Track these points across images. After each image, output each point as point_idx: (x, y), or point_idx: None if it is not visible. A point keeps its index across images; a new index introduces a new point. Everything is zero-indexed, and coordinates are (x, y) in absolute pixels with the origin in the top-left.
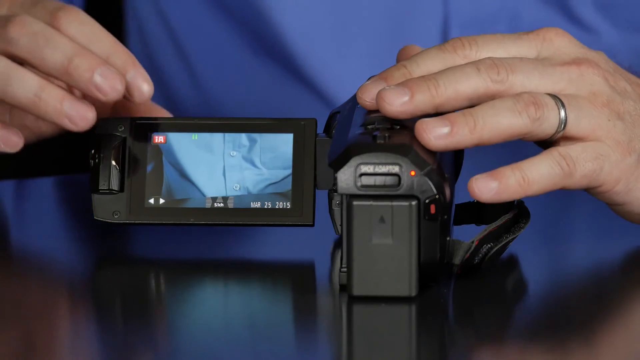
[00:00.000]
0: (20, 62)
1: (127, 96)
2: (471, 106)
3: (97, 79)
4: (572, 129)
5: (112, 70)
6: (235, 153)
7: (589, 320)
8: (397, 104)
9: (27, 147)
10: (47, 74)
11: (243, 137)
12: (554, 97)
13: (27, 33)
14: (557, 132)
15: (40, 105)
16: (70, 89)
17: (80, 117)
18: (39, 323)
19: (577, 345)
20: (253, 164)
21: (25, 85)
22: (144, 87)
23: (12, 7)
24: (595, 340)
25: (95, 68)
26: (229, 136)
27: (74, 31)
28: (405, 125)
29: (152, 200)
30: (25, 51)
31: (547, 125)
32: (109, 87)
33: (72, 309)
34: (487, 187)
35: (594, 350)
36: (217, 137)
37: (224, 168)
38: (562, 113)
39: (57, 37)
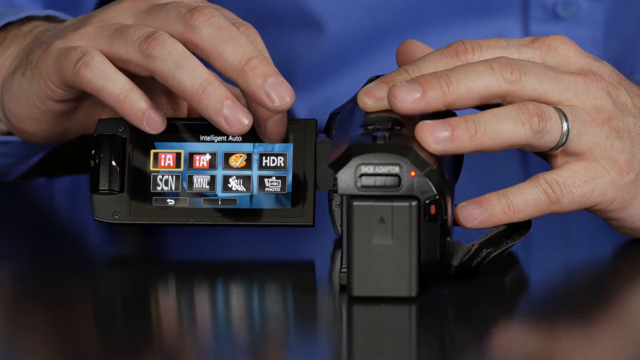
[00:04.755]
0: (194, 52)
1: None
2: (482, 105)
3: (269, 86)
4: (571, 145)
5: (284, 82)
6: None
7: (589, 319)
8: (409, 101)
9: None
10: (219, 69)
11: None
12: (559, 110)
13: (214, 24)
14: (556, 146)
15: (202, 97)
16: None
17: (236, 120)
18: (39, 323)
19: (578, 345)
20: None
21: (195, 74)
22: (287, 97)
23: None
24: (595, 340)
25: (269, 74)
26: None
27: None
28: (405, 126)
29: (152, 201)
30: (207, 42)
31: (549, 138)
32: (278, 97)
33: (72, 310)
34: (472, 215)
35: (594, 349)
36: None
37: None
38: (565, 128)
39: (241, 37)
